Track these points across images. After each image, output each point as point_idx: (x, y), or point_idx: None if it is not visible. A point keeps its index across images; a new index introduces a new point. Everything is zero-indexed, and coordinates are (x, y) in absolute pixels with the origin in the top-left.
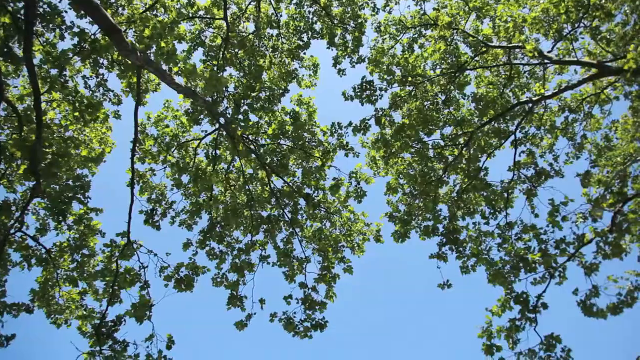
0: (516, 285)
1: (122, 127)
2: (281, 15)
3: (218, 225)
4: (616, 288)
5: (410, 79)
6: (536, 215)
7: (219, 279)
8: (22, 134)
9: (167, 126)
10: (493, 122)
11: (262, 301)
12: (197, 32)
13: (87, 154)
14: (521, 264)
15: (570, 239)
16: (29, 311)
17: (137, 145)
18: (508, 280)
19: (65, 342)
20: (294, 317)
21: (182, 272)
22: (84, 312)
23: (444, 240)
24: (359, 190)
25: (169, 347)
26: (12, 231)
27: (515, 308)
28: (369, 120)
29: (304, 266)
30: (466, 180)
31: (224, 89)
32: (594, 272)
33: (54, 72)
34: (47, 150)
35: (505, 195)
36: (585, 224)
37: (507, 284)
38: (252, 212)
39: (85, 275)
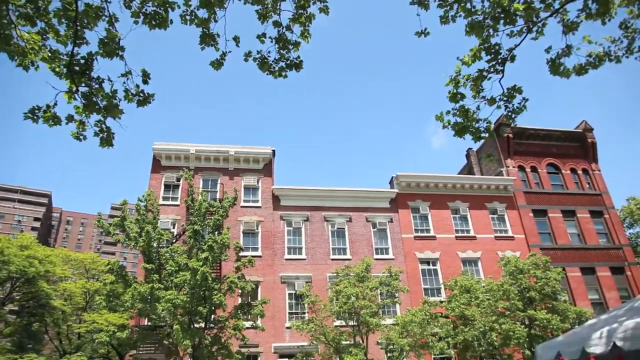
0: (492, 39)
1: None
2: None
3: None
4: (587, 52)
5: None
6: None
7: (187, 16)
8: None
9: None
10: None
11: (236, 39)
12: None
13: None
14: (502, 15)
15: None
16: None
17: None
18: (486, 30)
19: (41, 84)
20: (269, 56)
21: (148, 6)
22: (49, 54)
23: None
24: None
25: (145, 82)
26: None
27: (485, 59)
28: None
29: (278, 4)
30: None
31: None
32: (572, 31)
33: None
34: None
35: None
36: None
37: (483, 34)
38: None
39: (41, 12)
